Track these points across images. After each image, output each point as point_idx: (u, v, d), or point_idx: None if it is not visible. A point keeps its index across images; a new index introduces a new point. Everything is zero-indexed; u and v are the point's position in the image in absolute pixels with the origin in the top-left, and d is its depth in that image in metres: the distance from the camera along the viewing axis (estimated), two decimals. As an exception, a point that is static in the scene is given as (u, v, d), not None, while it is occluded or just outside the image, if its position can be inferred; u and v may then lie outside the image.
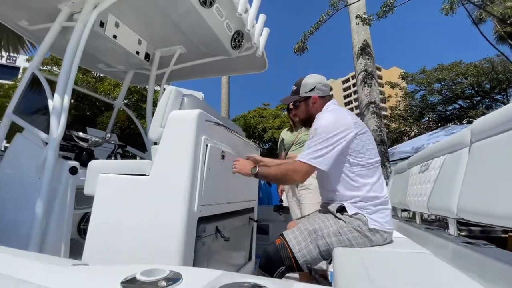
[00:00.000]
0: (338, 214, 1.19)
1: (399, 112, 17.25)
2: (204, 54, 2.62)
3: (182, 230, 1.13)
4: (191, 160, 1.21)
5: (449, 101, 14.85)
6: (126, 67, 2.77)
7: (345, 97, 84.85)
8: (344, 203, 1.20)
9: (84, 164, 1.85)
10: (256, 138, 22.57)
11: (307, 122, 1.43)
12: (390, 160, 6.10)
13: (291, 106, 2.31)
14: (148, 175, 1.28)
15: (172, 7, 1.96)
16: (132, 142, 2.89)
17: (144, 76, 2.91)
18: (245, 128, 22.51)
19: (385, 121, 16.93)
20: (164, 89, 1.64)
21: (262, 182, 4.95)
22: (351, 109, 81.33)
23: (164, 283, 0.42)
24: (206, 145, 1.30)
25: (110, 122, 2.85)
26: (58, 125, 1.67)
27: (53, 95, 1.76)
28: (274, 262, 1.08)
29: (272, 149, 21.06)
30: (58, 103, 1.72)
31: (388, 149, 6.49)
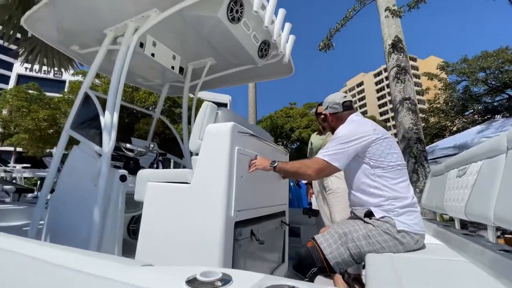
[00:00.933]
0: (366, 219, 1.22)
1: (438, 105, 16.03)
2: (233, 64, 2.75)
3: (222, 233, 1.24)
4: (227, 169, 1.32)
5: (496, 91, 13.45)
6: (163, 81, 3.01)
7: (378, 91, 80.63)
8: (371, 208, 1.23)
9: (132, 172, 2.07)
10: (284, 138, 22.50)
11: (333, 130, 1.57)
12: (430, 158, 5.74)
13: (319, 110, 2.35)
14: (189, 183, 1.41)
15: (202, 24, 2.11)
16: (169, 147, 3.11)
17: (178, 88, 3.13)
18: (272, 129, 22.57)
19: (422, 115, 15.84)
20: (199, 99, 1.78)
21: (291, 184, 4.98)
22: (385, 104, 77.17)
23: (219, 283, 0.51)
24: (239, 155, 1.40)
25: (150, 131, 3.11)
26: (109, 139, 1.89)
27: (104, 112, 1.99)
28: (306, 263, 1.14)
29: (301, 149, 20.84)
30: (109, 119, 1.94)
31: (427, 147, 6.11)
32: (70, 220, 2.03)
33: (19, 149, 20.34)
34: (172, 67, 2.63)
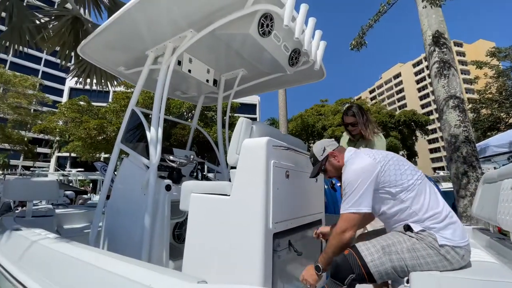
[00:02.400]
0: (409, 233, 1.19)
1: (490, 95, 14.41)
2: (263, 73, 2.82)
3: (261, 245, 1.31)
4: (264, 182, 1.38)
5: None
6: (198, 93, 3.19)
7: (418, 82, 74.70)
8: (409, 223, 1.21)
9: (175, 181, 2.24)
10: (315, 137, 22.01)
11: (340, 177, 1.48)
12: (481, 156, 5.21)
13: (346, 120, 2.29)
14: (229, 195, 1.50)
15: (233, 39, 2.20)
16: (204, 149, 3.27)
17: (213, 98, 3.29)
18: (302, 128, 22.22)
19: (469, 106, 14.33)
20: (232, 104, 1.86)
21: (326, 187, 4.89)
22: (426, 95, 71.20)
23: None
24: (275, 168, 1.46)
25: (189, 141, 3.31)
26: (155, 152, 2.07)
27: (149, 127, 2.18)
28: (343, 269, 1.14)
29: (334, 148, 20.24)
30: (154, 133, 2.13)
31: (478, 144, 5.54)
32: (124, 225, 2.26)
33: (73, 154, 22.76)
34: (207, 80, 2.77)
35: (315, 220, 2.00)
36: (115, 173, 2.70)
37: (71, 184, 15.75)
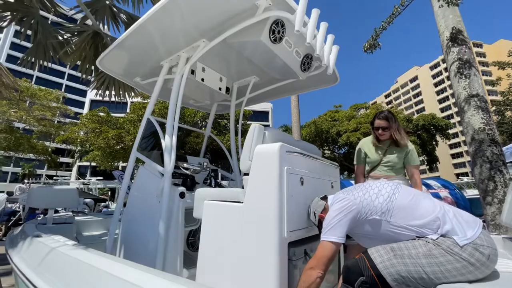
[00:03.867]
0: (427, 238, 1.11)
1: (515, 96, 13.71)
2: (275, 80, 2.82)
3: (276, 253, 1.27)
4: (277, 189, 1.35)
5: None
6: (211, 101, 3.23)
7: (436, 84, 72.33)
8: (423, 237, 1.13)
9: (189, 188, 2.25)
10: (330, 143, 21.67)
11: None
12: (508, 161, 4.91)
13: (377, 124, 2.22)
14: (242, 203, 1.48)
15: (245, 47, 2.22)
16: (217, 156, 3.29)
17: (225, 106, 3.32)
18: (316, 134, 21.94)
19: (493, 109, 13.64)
20: (245, 112, 1.86)
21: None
22: (446, 98, 68.66)
23: None
24: (289, 174, 1.43)
25: (202, 149, 3.34)
26: (170, 160, 2.10)
27: (164, 135, 2.22)
28: (353, 272, 1.11)
29: (350, 154, 19.78)
30: (169, 142, 2.16)
31: (504, 148, 5.23)
32: (139, 233, 2.28)
33: (93, 163, 23.63)
34: (220, 88, 2.81)
35: (332, 228, 1.93)
36: (132, 181, 2.76)
37: (90, 192, 16.29)
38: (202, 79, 2.59)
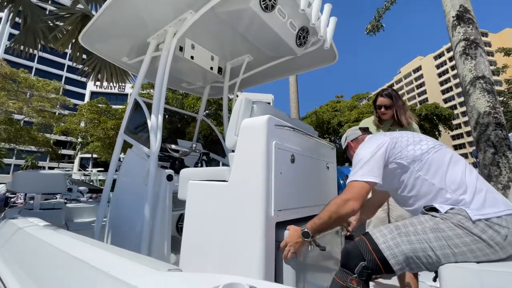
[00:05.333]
0: (432, 213, 1.00)
1: (521, 84, 13.40)
2: (270, 58, 2.65)
3: (262, 233, 1.16)
4: (264, 166, 1.23)
5: None
6: (204, 83, 3.08)
7: (440, 75, 71.23)
8: (434, 204, 1.01)
9: (177, 172, 2.14)
10: (331, 134, 21.51)
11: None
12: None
13: (380, 102, 2.09)
14: (227, 181, 1.36)
15: (236, 19, 2.06)
16: (214, 148, 3.18)
17: (219, 89, 3.17)
18: (317, 125, 21.71)
19: (500, 99, 13.38)
20: (237, 97, 1.73)
21: (341, 181, 4.66)
22: (449, 89, 67.78)
23: None
24: (278, 150, 1.30)
25: (195, 133, 3.22)
26: (155, 140, 1.98)
27: (150, 116, 2.10)
28: (352, 257, 0.99)
29: (351, 144, 19.63)
30: (154, 121, 2.04)
31: (509, 134, 5.07)
32: (127, 217, 2.19)
33: (94, 155, 23.67)
34: (211, 68, 2.66)
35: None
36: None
37: (91, 183, 16.34)
38: (192, 57, 2.43)
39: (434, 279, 1.00)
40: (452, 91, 67.02)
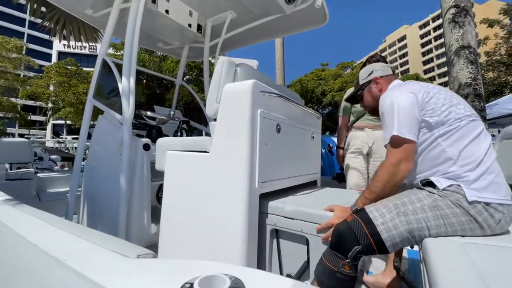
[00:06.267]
0: (430, 189, 0.96)
1: (498, 57, 13.73)
2: (256, 16, 2.41)
3: (245, 206, 1.11)
4: (248, 136, 1.14)
5: None
6: (182, 43, 2.79)
7: (423, 45, 71.37)
8: (431, 178, 0.97)
9: (155, 141, 2.00)
10: (314, 103, 21.50)
11: (377, 110, 1.23)
12: (488, 118, 4.97)
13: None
14: (209, 152, 1.27)
15: (218, -34, 1.79)
16: (197, 116, 3.01)
17: (199, 50, 2.90)
18: (301, 93, 21.46)
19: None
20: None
21: (323, 151, 4.71)
22: (430, 60, 68.58)
23: None
24: (263, 119, 1.20)
25: (174, 99, 3.00)
26: (128, 106, 1.80)
27: (121, 78, 1.88)
28: (347, 240, 0.93)
29: (333, 114, 19.81)
30: (126, 84, 1.83)
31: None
32: (103, 187, 2.08)
33: (68, 121, 22.34)
34: (189, 25, 2.38)
35: (310, 181, 1.81)
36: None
37: (67, 151, 15.63)
38: (167, 11, 2.15)
39: (412, 246, 1.01)
40: (432, 62, 68.01)
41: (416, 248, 1.05)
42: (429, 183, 0.98)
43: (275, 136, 1.33)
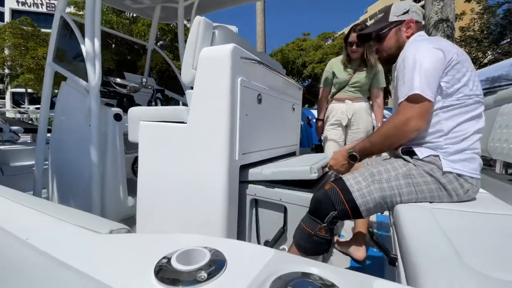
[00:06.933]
0: (407, 157, 1.00)
1: (472, 33, 14.16)
2: (236, -25, 2.21)
3: (225, 178, 1.09)
4: (228, 106, 1.08)
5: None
6: (152, 1, 2.51)
7: (401, 18, 71.27)
8: (413, 147, 1.00)
9: (127, 111, 1.87)
10: (295, 75, 21.26)
11: (393, 58, 1.13)
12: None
13: (353, 39, 1.90)
14: (186, 123, 1.20)
15: None
16: (174, 85, 2.83)
17: (172, 10, 2.64)
18: (282, 64, 20.86)
19: (451, 46, 14.15)
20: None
21: (302, 123, 4.74)
22: (408, 34, 69.13)
23: (204, 274, 0.34)
24: (244, 88, 1.15)
25: (146, 65, 2.78)
26: (94, 71, 1.63)
27: (84, 40, 1.68)
28: (324, 207, 0.97)
29: (313, 87, 19.80)
30: (90, 47, 1.65)
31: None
32: (72, 159, 1.95)
33: (29, 90, 20.38)
34: (161, -19, 2.14)
35: (290, 153, 1.82)
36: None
37: (30, 122, 14.46)
38: (134, -38, 1.89)
39: (382, 212, 1.07)
40: (410, 36, 68.74)
41: (386, 213, 1.11)
42: (408, 152, 1.01)
43: (255, 106, 1.29)
